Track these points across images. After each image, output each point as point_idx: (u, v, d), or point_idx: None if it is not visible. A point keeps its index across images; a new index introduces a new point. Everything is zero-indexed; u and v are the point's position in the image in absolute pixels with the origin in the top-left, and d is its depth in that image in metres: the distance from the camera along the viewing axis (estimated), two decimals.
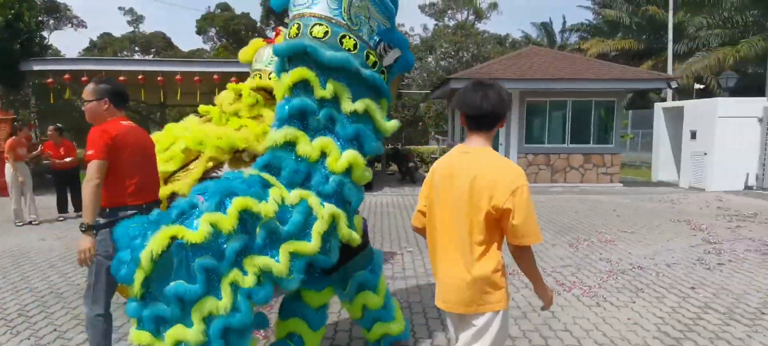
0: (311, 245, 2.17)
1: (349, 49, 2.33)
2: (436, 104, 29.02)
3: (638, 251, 5.53)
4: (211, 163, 3.28)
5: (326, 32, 2.31)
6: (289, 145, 2.35)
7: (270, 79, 3.53)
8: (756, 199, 9.43)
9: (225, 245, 2.01)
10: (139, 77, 10.09)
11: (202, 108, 3.74)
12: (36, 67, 10.79)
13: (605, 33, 31.40)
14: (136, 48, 37.63)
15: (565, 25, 38.90)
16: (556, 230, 6.73)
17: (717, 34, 24.62)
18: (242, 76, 5.34)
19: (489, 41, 36.44)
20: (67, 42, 65.54)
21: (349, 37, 2.34)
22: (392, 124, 2.50)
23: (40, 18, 14.96)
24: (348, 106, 2.35)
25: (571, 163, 11.74)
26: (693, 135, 11.21)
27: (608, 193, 10.54)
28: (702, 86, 22.04)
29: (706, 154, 10.71)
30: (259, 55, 3.80)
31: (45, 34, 19.49)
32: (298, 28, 2.34)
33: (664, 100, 18.39)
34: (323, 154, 2.33)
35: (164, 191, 3.10)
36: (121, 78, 9.12)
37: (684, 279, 4.50)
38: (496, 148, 11.84)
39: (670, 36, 21.50)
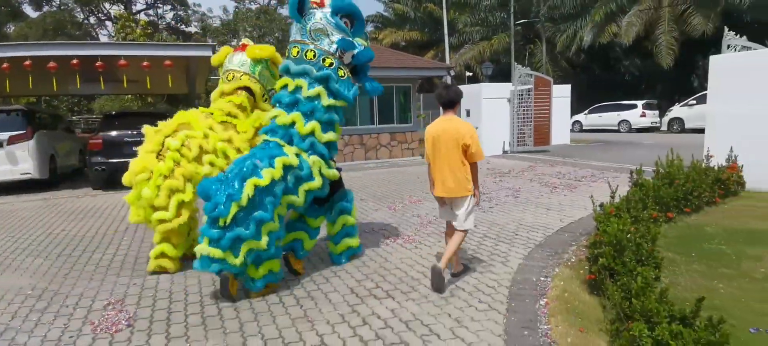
0: (316, 182, 3.95)
1: (310, 59, 4.07)
2: None
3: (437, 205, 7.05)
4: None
5: (298, 51, 4.13)
6: (296, 130, 4.02)
7: (241, 79, 4.77)
8: (509, 160, 12.52)
9: (277, 188, 3.60)
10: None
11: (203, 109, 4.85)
12: None
13: (396, 25, 35.24)
14: None
15: None
16: (377, 198, 7.91)
17: (477, 30, 30.25)
18: None
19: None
20: None
21: (311, 50, 4.07)
22: (333, 101, 4.13)
23: None
24: (305, 92, 4.04)
25: (381, 142, 13.40)
26: (468, 113, 14.03)
27: (411, 165, 12.48)
28: (470, 73, 26.98)
29: (477, 128, 13.57)
30: (230, 59, 4.90)
31: None
32: (298, 53, 4.14)
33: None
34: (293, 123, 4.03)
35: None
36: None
37: None
38: None
39: (446, 30, 25.53)
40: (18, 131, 9.47)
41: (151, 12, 38.36)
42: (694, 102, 18.37)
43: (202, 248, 3.44)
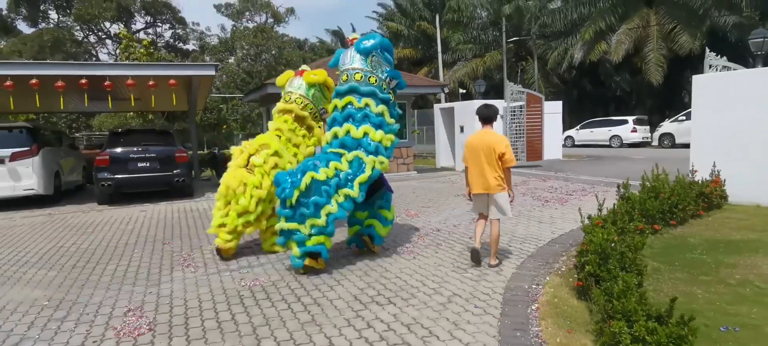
0: (365, 174, 4.82)
1: (373, 83, 5.09)
2: (244, 107, 28.69)
3: (434, 219, 7.33)
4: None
5: (362, 76, 5.09)
6: (350, 136, 4.96)
7: (296, 101, 5.82)
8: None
9: (331, 182, 4.68)
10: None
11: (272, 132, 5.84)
12: None
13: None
14: None
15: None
16: None
17: (470, 48, 30.90)
18: None
19: (289, 44, 37.45)
20: None
21: (372, 76, 5.11)
22: (392, 122, 5.20)
23: None
24: (373, 109, 5.02)
25: None
26: (461, 129, 14.40)
27: (407, 179, 12.78)
28: (464, 90, 27.50)
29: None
30: (290, 82, 5.95)
31: None
32: (347, 76, 5.13)
33: (439, 101, 22.47)
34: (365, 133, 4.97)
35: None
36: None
37: (465, 233, 6.34)
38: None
39: (439, 48, 26.09)
40: (22, 148, 9.68)
41: (150, 31, 38.83)
42: (684, 117, 18.88)
43: (281, 225, 4.76)
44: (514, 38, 27.41)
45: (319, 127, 6.04)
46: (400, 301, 4.01)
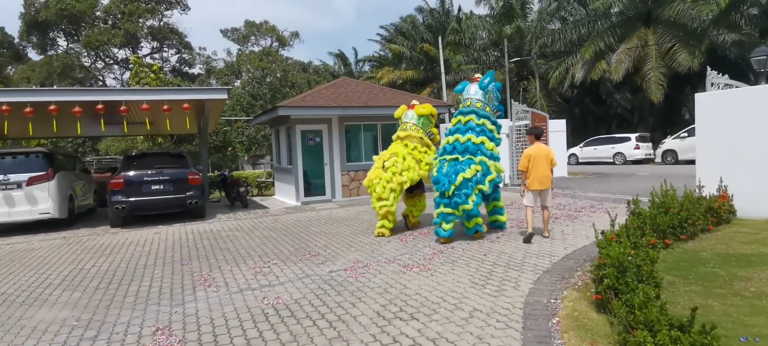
0: (492, 175, 7.09)
1: (488, 111, 7.50)
2: (250, 129, 28.98)
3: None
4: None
5: (482, 104, 7.50)
6: (471, 141, 7.18)
7: (411, 129, 8.12)
8: (510, 193, 12.94)
9: (473, 179, 6.83)
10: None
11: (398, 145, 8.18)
12: None
13: (393, 63, 36.40)
14: None
15: (357, 56, 43.30)
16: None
17: (472, 68, 31.29)
18: None
19: (294, 67, 37.98)
20: None
21: (486, 106, 7.53)
22: (499, 137, 7.60)
23: None
24: (488, 126, 7.37)
25: None
26: None
27: None
28: None
29: None
30: (405, 114, 8.27)
31: None
32: (471, 102, 7.52)
33: (443, 121, 22.63)
34: (482, 143, 7.22)
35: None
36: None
37: (478, 250, 6.43)
38: (323, 167, 13.09)
39: (442, 69, 26.46)
40: (38, 172, 9.87)
41: (156, 56, 39.53)
42: (686, 134, 19.05)
43: (440, 209, 6.88)
44: (516, 58, 27.81)
45: (430, 139, 8.31)
46: (423, 316, 4.11)
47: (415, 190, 8.30)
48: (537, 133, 6.99)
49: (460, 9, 35.25)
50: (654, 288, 3.73)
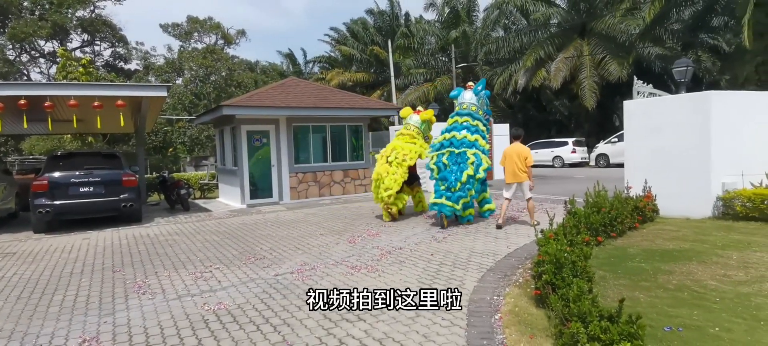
0: (484, 165, 8.18)
1: (480, 114, 8.79)
2: (193, 129, 27.78)
3: (395, 238, 7.48)
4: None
5: (476, 108, 8.79)
6: (466, 139, 8.40)
7: (412, 130, 9.43)
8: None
9: (475, 176, 8.13)
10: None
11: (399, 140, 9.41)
12: None
13: (343, 65, 36.28)
14: None
15: (307, 57, 42.77)
16: (335, 232, 8.22)
17: (421, 73, 31.85)
18: None
19: (240, 66, 36.88)
20: None
21: (479, 109, 8.82)
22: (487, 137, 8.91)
23: None
24: (480, 127, 8.64)
25: (334, 179, 13.76)
26: None
27: (364, 200, 12.89)
28: None
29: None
30: (410, 117, 9.59)
31: None
32: (467, 106, 8.77)
33: (393, 123, 22.88)
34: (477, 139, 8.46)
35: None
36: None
37: (426, 250, 6.53)
38: (270, 168, 12.79)
39: (392, 72, 26.69)
40: None
41: (87, 49, 36.99)
42: (616, 139, 20.42)
43: (440, 200, 7.98)
44: (463, 64, 28.59)
45: (426, 141, 9.58)
46: (370, 317, 4.10)
47: (414, 182, 9.79)
48: (514, 135, 8.16)
49: (407, 15, 35.65)
50: (587, 282, 3.94)
